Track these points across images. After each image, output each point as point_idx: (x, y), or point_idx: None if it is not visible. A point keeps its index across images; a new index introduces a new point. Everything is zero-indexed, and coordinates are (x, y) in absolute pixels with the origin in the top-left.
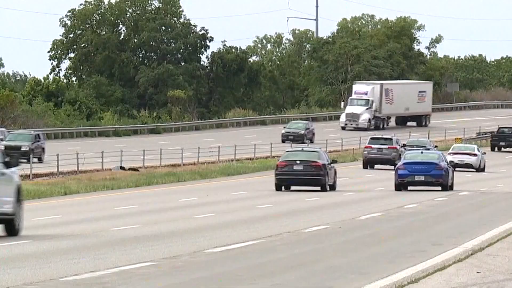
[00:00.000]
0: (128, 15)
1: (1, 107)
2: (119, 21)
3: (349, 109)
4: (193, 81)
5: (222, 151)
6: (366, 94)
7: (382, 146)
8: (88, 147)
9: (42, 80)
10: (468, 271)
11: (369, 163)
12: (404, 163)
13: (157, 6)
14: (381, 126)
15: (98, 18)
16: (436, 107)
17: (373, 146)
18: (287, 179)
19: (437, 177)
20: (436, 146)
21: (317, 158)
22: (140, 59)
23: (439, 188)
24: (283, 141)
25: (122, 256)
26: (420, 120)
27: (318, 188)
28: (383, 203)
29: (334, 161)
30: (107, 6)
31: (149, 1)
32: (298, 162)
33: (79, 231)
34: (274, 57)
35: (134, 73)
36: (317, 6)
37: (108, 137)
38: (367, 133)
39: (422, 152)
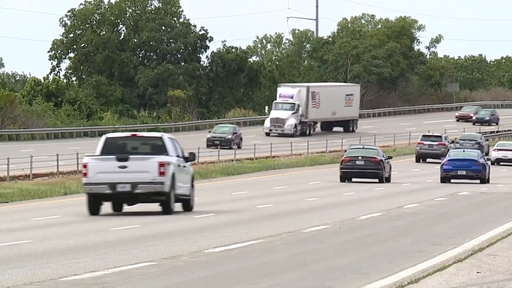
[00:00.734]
0: (128, 15)
1: (1, 107)
2: (119, 21)
3: (274, 113)
4: (193, 81)
5: (222, 151)
6: (291, 97)
7: (433, 143)
8: (88, 147)
9: (42, 80)
10: (468, 271)
11: (421, 157)
12: (448, 160)
13: (157, 6)
14: (308, 132)
15: (98, 18)
16: (436, 107)
17: (424, 142)
18: (351, 172)
19: (476, 172)
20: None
21: (376, 155)
22: (140, 59)
23: (478, 181)
24: (208, 146)
25: (122, 256)
26: (348, 125)
27: (377, 180)
28: (383, 203)
29: (389, 157)
30: (107, 6)
31: (149, 1)
32: (360, 157)
33: (79, 231)
34: (274, 57)
35: (134, 73)
36: (317, 6)
37: None
38: (296, 140)
39: (464, 151)
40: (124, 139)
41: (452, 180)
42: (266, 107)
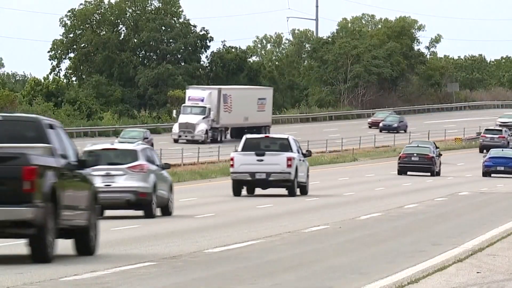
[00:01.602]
0: (128, 15)
1: (1, 107)
2: (119, 21)
3: (183, 118)
4: (193, 81)
5: (222, 151)
6: (202, 100)
7: (494, 136)
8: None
9: (42, 80)
10: (468, 271)
11: (484, 148)
12: (489, 157)
13: (157, 6)
14: (219, 139)
15: (98, 18)
16: (436, 107)
17: (487, 135)
18: (407, 166)
19: None
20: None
21: (429, 152)
22: (140, 59)
23: None
24: None
25: (122, 256)
26: (260, 132)
27: (429, 173)
28: (383, 203)
29: (440, 154)
30: (107, 6)
31: (149, 1)
32: (415, 154)
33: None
34: (273, 57)
35: (134, 73)
36: (317, 6)
37: (108, 137)
38: (204, 146)
39: (502, 150)
40: (259, 139)
41: (492, 175)
42: (174, 111)
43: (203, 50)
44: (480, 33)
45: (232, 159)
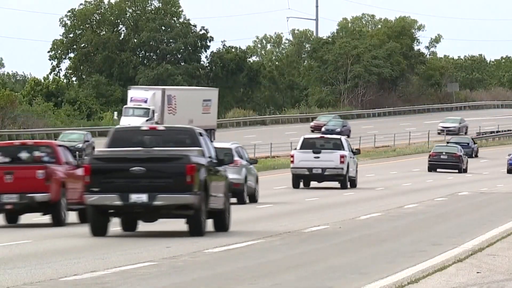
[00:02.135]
0: (128, 15)
1: (1, 107)
2: (119, 21)
3: (125, 120)
4: (193, 81)
5: None
6: (145, 101)
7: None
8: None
9: (42, 80)
10: (468, 271)
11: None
12: None
13: (157, 6)
14: None
15: (98, 18)
16: (436, 107)
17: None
18: (436, 164)
19: None
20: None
21: (457, 151)
22: (140, 59)
23: None
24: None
25: (122, 256)
26: None
27: (456, 170)
28: (383, 203)
29: (466, 154)
30: (107, 6)
31: (149, 1)
32: (444, 153)
33: (79, 232)
34: (273, 57)
35: (134, 73)
36: (317, 6)
37: None
38: None
39: None
40: (315, 139)
41: None
42: (115, 113)
43: (203, 50)
44: (480, 33)
45: (292, 156)
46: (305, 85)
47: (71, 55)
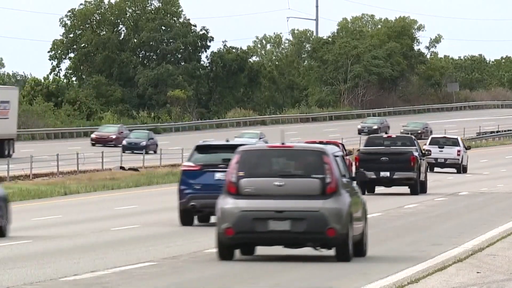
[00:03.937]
0: (128, 15)
1: None
2: (119, 21)
3: None
4: (193, 81)
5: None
6: None
7: None
8: (88, 147)
9: (42, 80)
10: (468, 271)
11: None
12: None
13: (157, 6)
14: None
15: (98, 18)
16: (436, 107)
17: None
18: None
19: None
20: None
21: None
22: (140, 59)
23: None
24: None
25: (122, 256)
26: (2, 148)
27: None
28: (383, 203)
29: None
30: (107, 6)
31: (149, 1)
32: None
33: (79, 231)
34: (273, 57)
35: (134, 73)
36: (317, 6)
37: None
38: None
39: None
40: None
41: None
42: None
43: (203, 50)
44: (480, 33)
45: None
46: (305, 85)
47: (71, 55)
